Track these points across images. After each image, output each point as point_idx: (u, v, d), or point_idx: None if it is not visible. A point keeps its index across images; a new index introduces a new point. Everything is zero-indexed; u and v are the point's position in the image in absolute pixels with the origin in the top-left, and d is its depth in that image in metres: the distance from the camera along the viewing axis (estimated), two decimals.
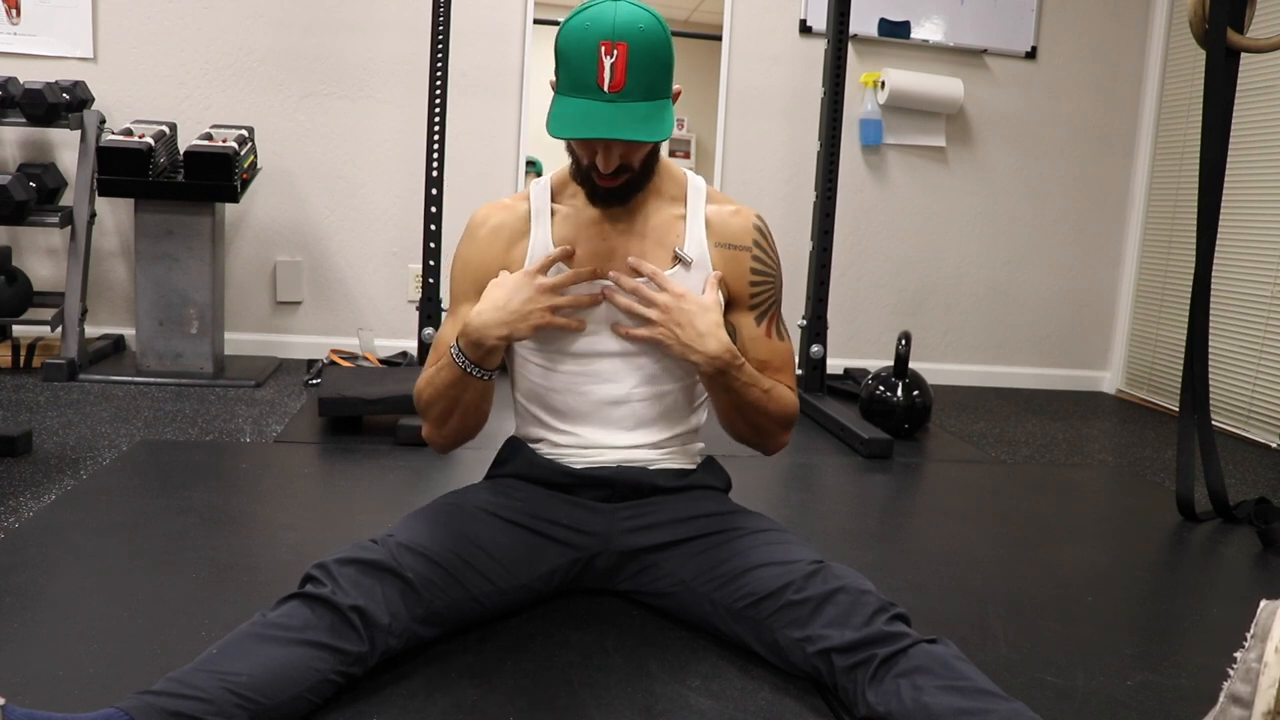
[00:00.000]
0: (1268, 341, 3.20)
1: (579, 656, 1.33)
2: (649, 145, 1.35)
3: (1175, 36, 3.77)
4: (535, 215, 1.45)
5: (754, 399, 1.42)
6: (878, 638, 1.17)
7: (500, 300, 1.35)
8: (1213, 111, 2.10)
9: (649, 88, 1.26)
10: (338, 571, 1.19)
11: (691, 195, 1.47)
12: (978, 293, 3.93)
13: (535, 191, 1.48)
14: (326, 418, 2.59)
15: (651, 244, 1.43)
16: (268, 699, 1.06)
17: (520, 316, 1.34)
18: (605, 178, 1.34)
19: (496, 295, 1.35)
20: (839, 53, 3.11)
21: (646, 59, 1.25)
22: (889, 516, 2.18)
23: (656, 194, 1.45)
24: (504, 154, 3.56)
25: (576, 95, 1.26)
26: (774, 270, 1.49)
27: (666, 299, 1.36)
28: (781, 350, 1.50)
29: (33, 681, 1.19)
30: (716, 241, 1.45)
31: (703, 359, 1.36)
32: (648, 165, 1.39)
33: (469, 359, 1.36)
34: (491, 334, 1.34)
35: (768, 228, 1.52)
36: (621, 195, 1.38)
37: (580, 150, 1.35)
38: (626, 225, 1.43)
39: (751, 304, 1.47)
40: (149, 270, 3.00)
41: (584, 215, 1.44)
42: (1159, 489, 2.50)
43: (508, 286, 1.36)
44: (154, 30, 3.33)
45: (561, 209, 1.46)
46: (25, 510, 1.81)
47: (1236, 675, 1.05)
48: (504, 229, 1.46)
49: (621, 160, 1.32)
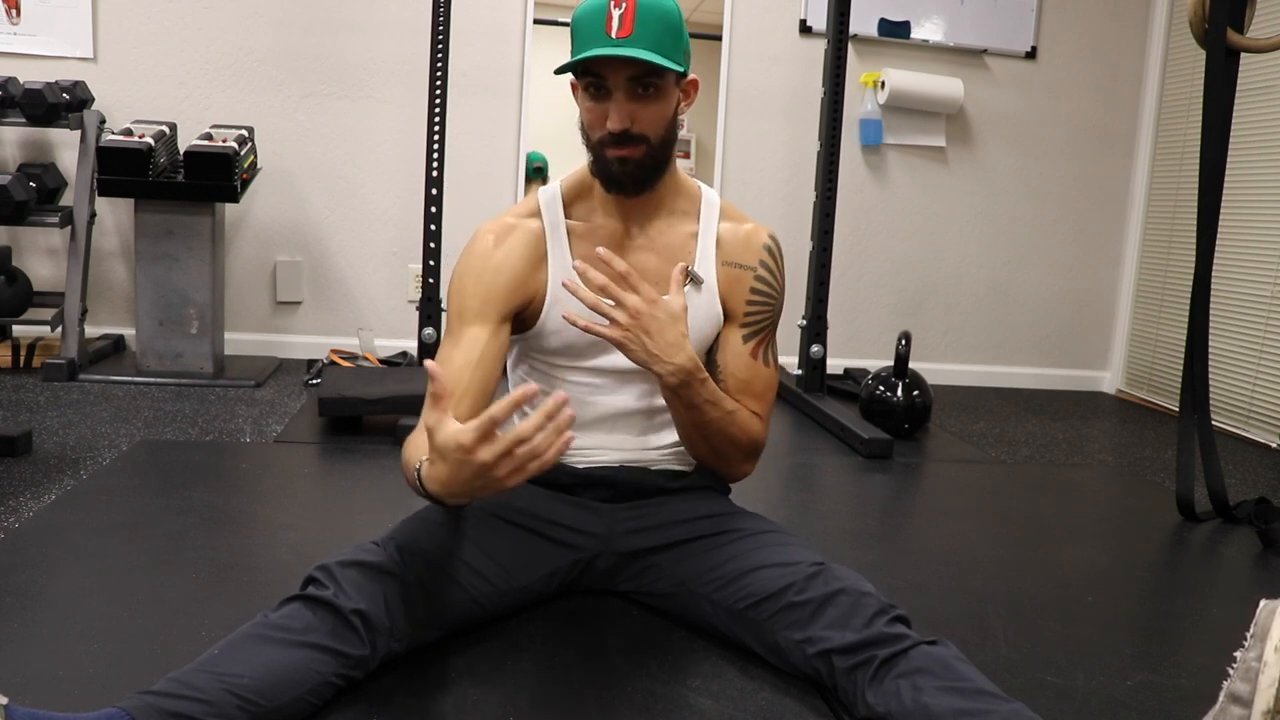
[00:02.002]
0: (1268, 341, 3.20)
1: (579, 656, 1.33)
2: (662, 114, 1.32)
3: (1175, 36, 3.77)
4: (551, 232, 1.42)
5: (714, 419, 1.37)
6: (878, 639, 1.17)
7: (445, 478, 1.08)
8: (1213, 111, 2.10)
9: (657, 41, 1.26)
10: (340, 574, 1.19)
11: (705, 211, 1.45)
12: (978, 293, 3.93)
13: (546, 203, 1.43)
14: (326, 418, 2.59)
15: (666, 262, 1.41)
16: (268, 701, 1.05)
17: (474, 491, 1.08)
18: (617, 145, 1.31)
19: (440, 473, 1.08)
20: (839, 53, 3.11)
21: (655, 14, 1.26)
22: (889, 516, 2.18)
23: (670, 210, 1.44)
24: (504, 154, 3.56)
25: (584, 48, 1.27)
26: (775, 293, 1.46)
27: (637, 303, 1.26)
28: (764, 375, 1.45)
29: (33, 681, 1.19)
30: (724, 260, 1.44)
31: (665, 370, 1.29)
32: (665, 146, 1.35)
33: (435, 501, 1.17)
34: (452, 504, 1.17)
35: (779, 250, 1.49)
36: (638, 173, 1.34)
37: (590, 118, 1.33)
38: (643, 242, 1.42)
39: (744, 321, 1.44)
40: (149, 270, 3.00)
41: (600, 232, 1.42)
42: (1159, 489, 2.50)
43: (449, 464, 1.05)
44: (154, 30, 3.33)
45: (577, 225, 1.42)
46: (25, 510, 1.81)
47: (1236, 674, 1.05)
48: (519, 249, 1.39)
49: (633, 124, 1.30)
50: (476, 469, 1.03)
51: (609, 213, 1.43)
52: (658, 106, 1.32)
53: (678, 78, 1.34)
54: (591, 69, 1.29)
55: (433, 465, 1.10)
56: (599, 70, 1.29)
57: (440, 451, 1.05)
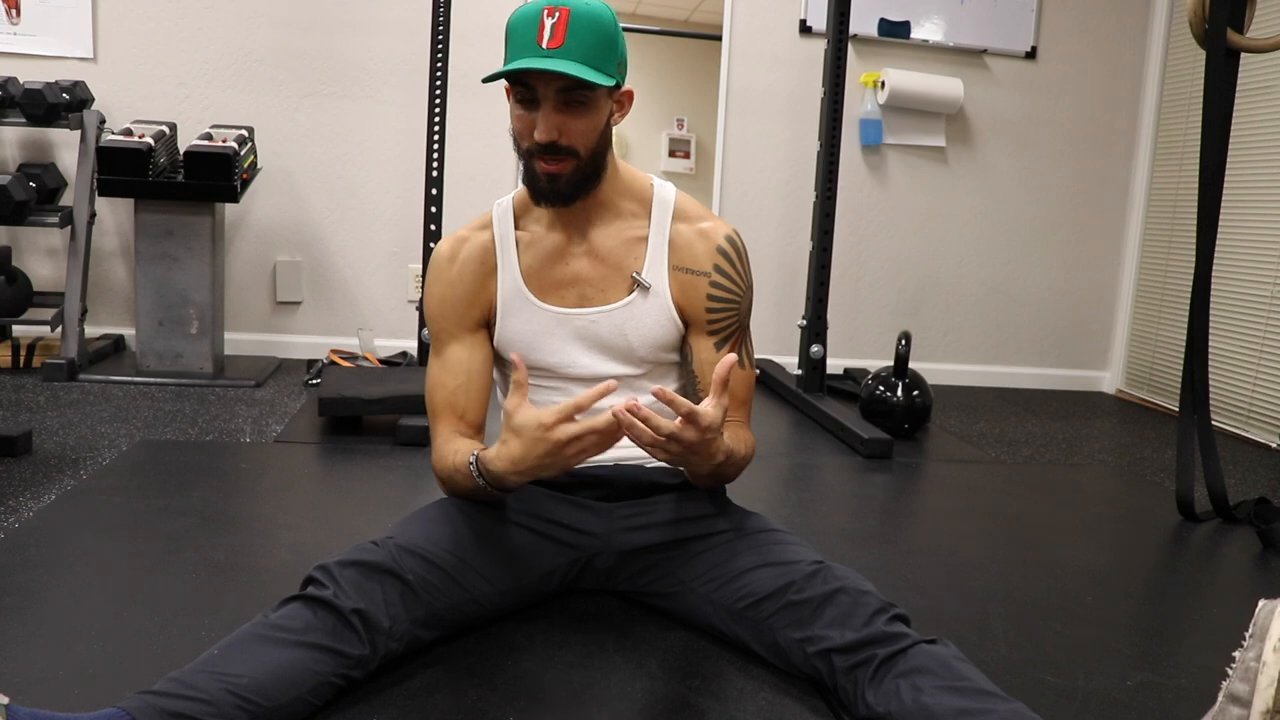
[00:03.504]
0: (1268, 341, 3.20)
1: (579, 656, 1.33)
2: (592, 127, 1.29)
3: (1175, 36, 3.77)
4: (500, 245, 1.42)
5: (726, 466, 1.34)
6: (878, 638, 1.17)
7: (517, 455, 1.21)
8: (1213, 111, 2.10)
9: (589, 53, 1.24)
10: (339, 574, 1.19)
11: (656, 211, 1.41)
12: (978, 293, 3.93)
13: (498, 216, 1.44)
14: (326, 418, 2.59)
15: (610, 269, 1.39)
16: (268, 700, 1.06)
17: (541, 469, 1.22)
18: (546, 158, 1.29)
19: (514, 450, 1.21)
20: (839, 53, 3.11)
21: (588, 26, 1.24)
22: (889, 516, 2.18)
23: (615, 213, 1.41)
24: (504, 154, 3.55)
25: (515, 57, 1.25)
26: (737, 294, 1.42)
27: (693, 437, 1.18)
28: (743, 379, 1.43)
29: (33, 681, 1.19)
30: (675, 264, 1.40)
31: (699, 476, 1.36)
32: (595, 159, 1.32)
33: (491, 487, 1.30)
34: (514, 483, 1.27)
35: (739, 245, 1.44)
36: (565, 189, 1.31)
37: (519, 127, 1.31)
38: (584, 249, 1.40)
39: (710, 329, 1.42)
40: (149, 270, 3.00)
41: (546, 241, 1.41)
42: (1159, 489, 2.50)
43: (524, 440, 1.20)
44: (154, 30, 3.33)
45: (524, 235, 1.42)
46: (25, 510, 1.81)
47: (1235, 674, 1.05)
48: (471, 263, 1.42)
49: (561, 136, 1.27)
50: (551, 446, 1.18)
51: (551, 222, 1.41)
52: (588, 119, 1.29)
53: (610, 90, 1.31)
54: (521, 79, 1.27)
55: (505, 445, 1.23)
56: (528, 80, 1.26)
57: (518, 429, 1.20)
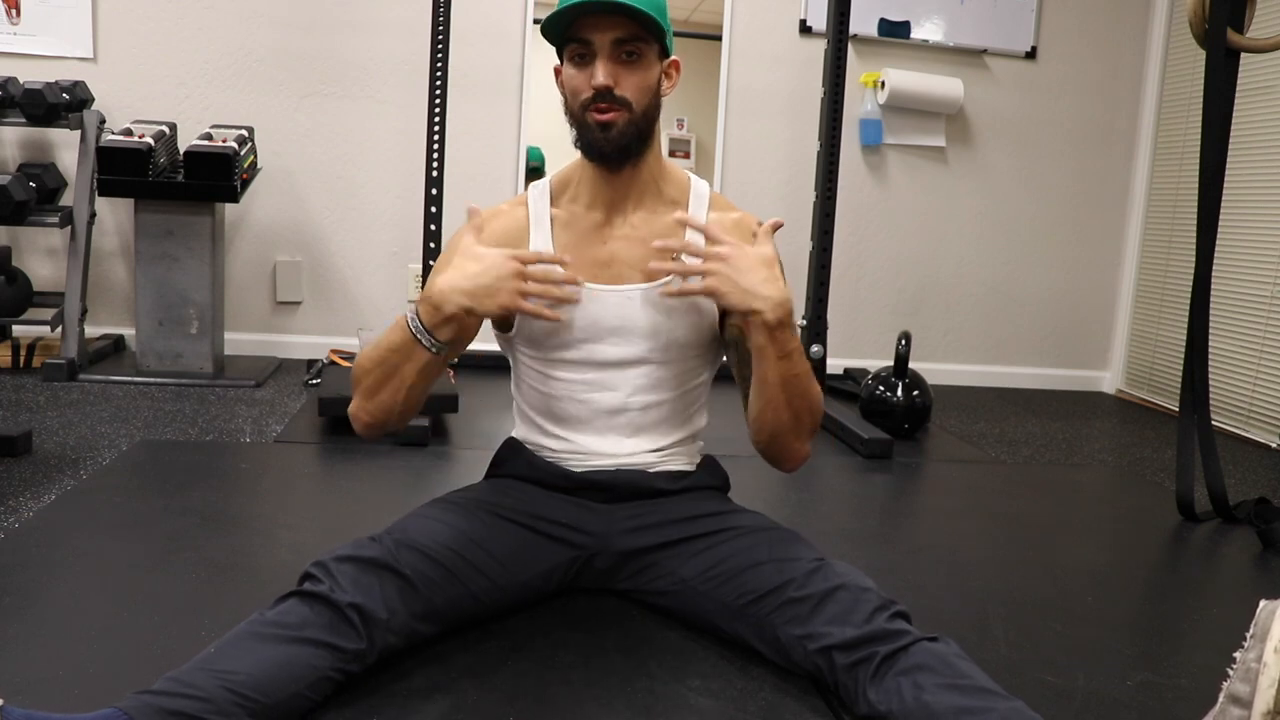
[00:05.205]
0: (1268, 341, 3.20)
1: (579, 656, 1.33)
2: (644, 82, 1.35)
3: (1175, 36, 3.77)
4: (535, 222, 1.44)
5: (803, 371, 1.33)
6: (878, 635, 1.17)
7: (473, 271, 1.26)
8: (1213, 111, 2.10)
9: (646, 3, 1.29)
10: (336, 569, 1.19)
11: (693, 201, 1.46)
12: (978, 293, 3.93)
13: (534, 196, 1.46)
14: (326, 418, 2.59)
15: (651, 251, 1.41)
16: (266, 697, 1.05)
17: (488, 292, 1.26)
18: (600, 106, 1.32)
19: (470, 266, 1.27)
20: (839, 53, 3.11)
21: None
22: (889, 516, 2.18)
23: (658, 197, 1.44)
24: (504, 154, 3.56)
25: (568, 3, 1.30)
26: None
27: (726, 248, 1.27)
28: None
29: (33, 681, 1.19)
30: None
31: (767, 306, 1.25)
32: (648, 117, 1.37)
33: (423, 324, 1.28)
34: (454, 301, 1.26)
35: None
36: (618, 139, 1.35)
37: (574, 84, 1.35)
38: (626, 231, 1.42)
39: None
40: (149, 270, 3.00)
41: (584, 221, 1.43)
42: (1159, 489, 2.50)
43: (484, 260, 1.27)
44: (154, 30, 3.33)
45: (561, 214, 1.44)
46: (25, 510, 1.81)
47: (1236, 675, 1.05)
48: (506, 235, 1.43)
49: (616, 85, 1.32)
50: (499, 267, 1.26)
51: (592, 201, 1.44)
52: (641, 73, 1.34)
53: (660, 52, 1.37)
54: (577, 35, 1.32)
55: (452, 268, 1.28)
56: (584, 35, 1.31)
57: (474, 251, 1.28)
